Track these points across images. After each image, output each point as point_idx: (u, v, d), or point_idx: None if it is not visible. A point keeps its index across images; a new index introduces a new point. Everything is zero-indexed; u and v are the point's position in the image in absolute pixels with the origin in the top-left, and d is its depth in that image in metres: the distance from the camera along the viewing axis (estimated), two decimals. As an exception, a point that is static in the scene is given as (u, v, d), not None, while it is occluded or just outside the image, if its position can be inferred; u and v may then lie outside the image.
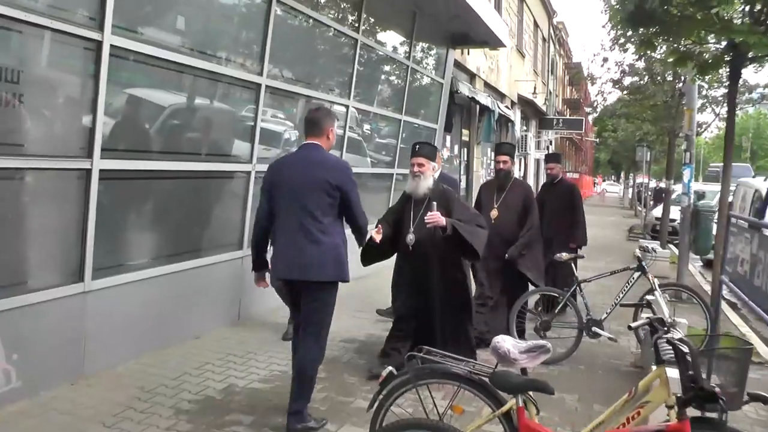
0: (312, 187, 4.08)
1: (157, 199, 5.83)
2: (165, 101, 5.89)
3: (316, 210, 4.08)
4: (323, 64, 8.65)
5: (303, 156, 4.23)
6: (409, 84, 11.15)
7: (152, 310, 5.70)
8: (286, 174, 4.18)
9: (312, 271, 4.07)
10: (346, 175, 4.19)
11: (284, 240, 4.16)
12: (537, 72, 29.93)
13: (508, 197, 6.50)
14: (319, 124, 4.26)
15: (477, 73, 17.48)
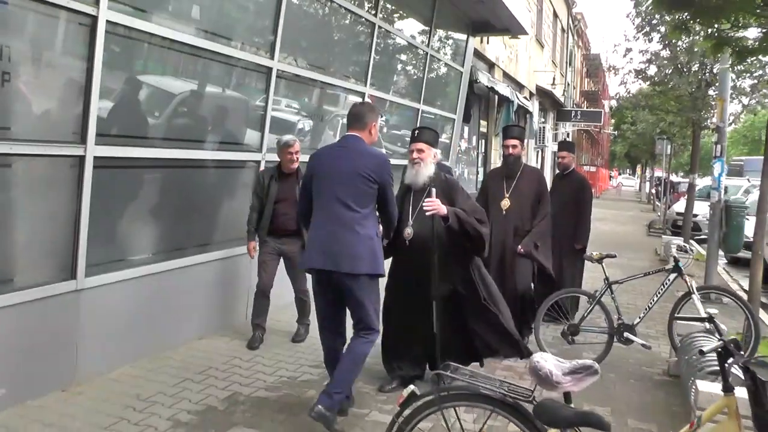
0: (350, 178, 4.04)
1: (157, 189, 5.43)
2: (167, 84, 5.49)
3: (353, 200, 4.03)
4: (339, 49, 8.22)
5: (344, 146, 4.22)
6: (427, 72, 10.69)
7: (152, 310, 5.31)
8: (325, 163, 4.16)
9: (346, 262, 3.97)
10: (386, 168, 4.14)
11: (319, 229, 4.11)
12: (555, 63, 29.36)
13: (520, 185, 5.95)
14: (362, 118, 4.23)
15: (496, 63, 17.01)
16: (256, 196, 5.70)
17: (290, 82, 7.05)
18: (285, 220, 5.65)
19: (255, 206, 5.71)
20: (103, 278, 4.83)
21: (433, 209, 4.46)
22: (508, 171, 6.06)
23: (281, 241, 5.71)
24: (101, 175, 4.66)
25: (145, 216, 5.34)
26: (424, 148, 4.75)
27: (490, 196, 6.08)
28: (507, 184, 6.00)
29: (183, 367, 5.21)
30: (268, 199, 5.62)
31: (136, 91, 5.15)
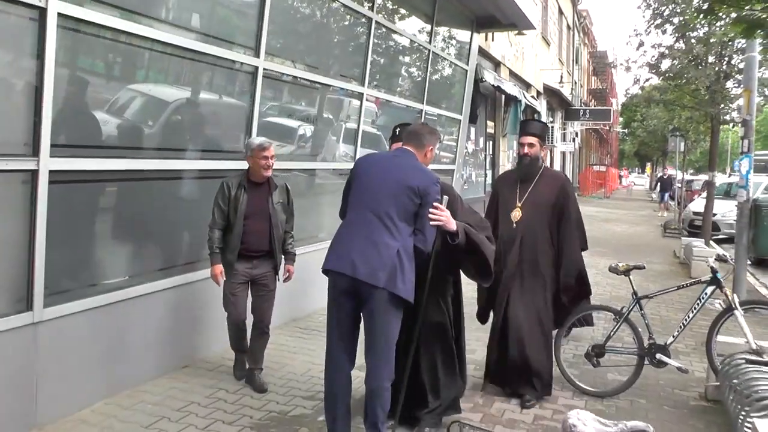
0: (398, 189, 3.72)
1: (124, 206, 4.83)
2: (134, 87, 4.91)
3: (392, 211, 3.70)
4: (333, 47, 7.64)
5: (397, 156, 3.96)
6: (430, 70, 10.12)
7: (123, 341, 4.75)
8: (373, 168, 3.87)
9: (362, 270, 3.58)
10: (434, 187, 3.80)
11: (346, 233, 3.78)
12: (562, 61, 28.83)
13: (537, 192, 4.92)
14: (421, 138, 4.00)
15: (502, 61, 16.50)
16: (220, 210, 4.74)
17: (279, 83, 6.47)
18: (257, 239, 4.81)
19: (217, 223, 4.76)
20: (65, 308, 4.27)
21: (439, 219, 3.79)
22: (522, 174, 5.01)
23: (252, 265, 4.85)
24: (58, 192, 4.10)
25: (112, 236, 4.75)
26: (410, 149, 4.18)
27: (501, 204, 5.10)
28: (521, 191, 4.98)
29: (161, 402, 4.64)
30: (237, 214, 4.71)
31: (97, 95, 4.57)
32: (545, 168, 5.11)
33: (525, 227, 4.88)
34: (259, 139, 4.82)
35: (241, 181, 4.79)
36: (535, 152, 4.98)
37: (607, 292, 9.08)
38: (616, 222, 21.35)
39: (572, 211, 4.93)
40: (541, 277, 4.84)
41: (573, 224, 4.91)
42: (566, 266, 4.86)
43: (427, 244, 3.74)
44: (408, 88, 9.80)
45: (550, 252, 4.88)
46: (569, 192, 5.02)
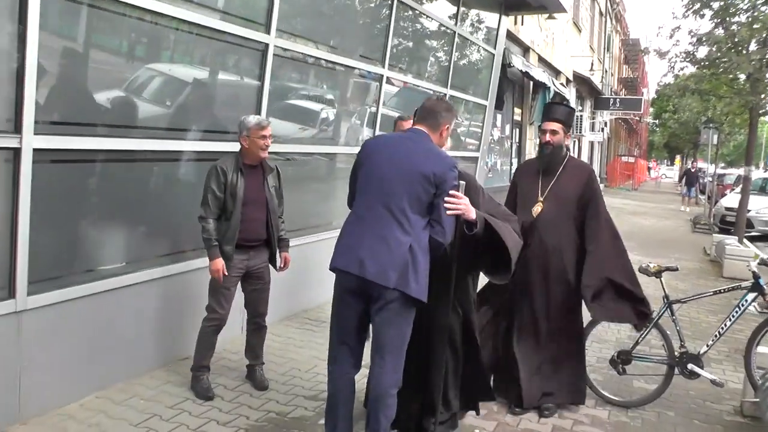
0: (411, 176, 3.33)
1: (118, 188, 4.49)
2: (127, 61, 4.56)
3: (403, 202, 3.32)
4: (351, 25, 7.25)
5: (410, 138, 3.50)
6: (455, 53, 9.69)
7: (118, 331, 4.47)
8: (382, 153, 3.46)
9: (371, 269, 3.25)
10: (451, 175, 3.39)
11: (353, 227, 3.42)
12: (593, 48, 28.11)
13: (560, 185, 4.44)
14: (436, 116, 3.53)
15: (531, 47, 16.01)
16: (215, 197, 4.27)
17: (291, 62, 6.11)
18: (255, 228, 4.43)
19: (213, 211, 4.28)
20: (51, 296, 3.98)
21: (458, 208, 3.37)
22: (544, 165, 4.52)
23: (248, 256, 4.45)
24: (43, 172, 3.80)
25: (104, 221, 4.43)
26: None
27: (520, 198, 4.62)
28: (543, 183, 4.48)
29: (154, 398, 4.37)
30: (235, 201, 4.30)
31: (86, 69, 4.23)
32: (570, 158, 4.59)
33: (547, 224, 4.40)
34: (256, 118, 4.41)
35: (237, 164, 4.36)
36: (558, 140, 4.46)
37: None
38: (644, 215, 20.76)
39: (600, 207, 4.44)
40: (566, 278, 4.38)
41: (600, 220, 4.41)
42: (592, 271, 4.32)
43: (446, 236, 3.36)
44: (432, 71, 9.39)
45: (576, 251, 4.41)
46: (594, 185, 4.52)
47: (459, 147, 10.97)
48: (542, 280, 4.40)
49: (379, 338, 3.36)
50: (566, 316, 4.41)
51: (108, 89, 4.39)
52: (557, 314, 4.39)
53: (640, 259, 11.63)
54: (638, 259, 11.65)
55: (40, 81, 3.71)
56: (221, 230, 4.33)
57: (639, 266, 4.94)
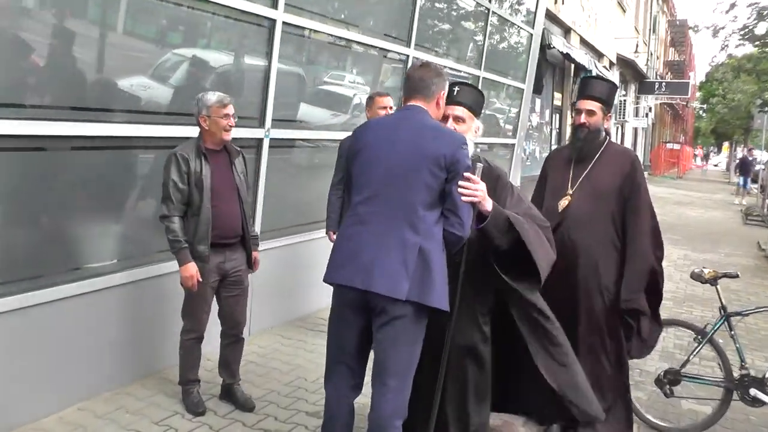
0: (414, 161, 2.83)
1: (99, 178, 4.03)
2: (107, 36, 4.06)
3: (410, 194, 2.82)
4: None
5: (405, 118, 2.96)
6: (489, 33, 9.06)
7: (101, 335, 4.05)
8: (380, 138, 2.94)
9: (378, 280, 2.74)
10: (464, 152, 2.87)
11: (351, 231, 2.91)
12: (638, 30, 27.02)
13: (595, 175, 3.75)
14: (428, 85, 2.97)
15: (572, 27, 15.27)
16: (177, 190, 3.67)
17: (303, 40, 5.58)
18: (228, 223, 3.84)
19: (176, 207, 3.69)
20: (25, 299, 3.58)
21: (472, 195, 2.84)
22: (577, 151, 3.82)
23: (224, 257, 3.86)
24: (4, 161, 3.39)
25: (78, 215, 3.99)
26: (463, 116, 3.13)
27: (548, 190, 3.94)
28: (574, 173, 3.80)
29: (141, 411, 3.94)
30: (202, 192, 3.71)
31: (58, 42, 3.76)
32: (609, 143, 3.86)
33: (576, 220, 3.70)
34: (217, 94, 3.80)
35: (199, 150, 3.76)
36: (595, 122, 3.73)
37: (680, 291, 7.94)
38: (690, 205, 19.80)
39: (643, 202, 3.72)
40: (599, 286, 3.69)
41: (644, 215, 3.70)
42: (632, 279, 3.65)
43: (465, 228, 2.84)
44: (463, 51, 8.79)
45: (616, 254, 3.72)
46: (637, 174, 3.76)
47: (494, 133, 10.38)
48: (569, 287, 3.69)
49: (383, 360, 2.84)
50: (599, 332, 3.71)
51: (84, 69, 3.90)
52: (588, 329, 3.70)
53: (686, 254, 10.99)
54: (684, 254, 11.01)
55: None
56: (190, 229, 3.74)
57: (691, 272, 4.33)
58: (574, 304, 3.68)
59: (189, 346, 3.94)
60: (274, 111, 5.11)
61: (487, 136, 10.16)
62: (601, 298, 3.68)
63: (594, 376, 3.63)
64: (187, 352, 3.96)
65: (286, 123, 5.38)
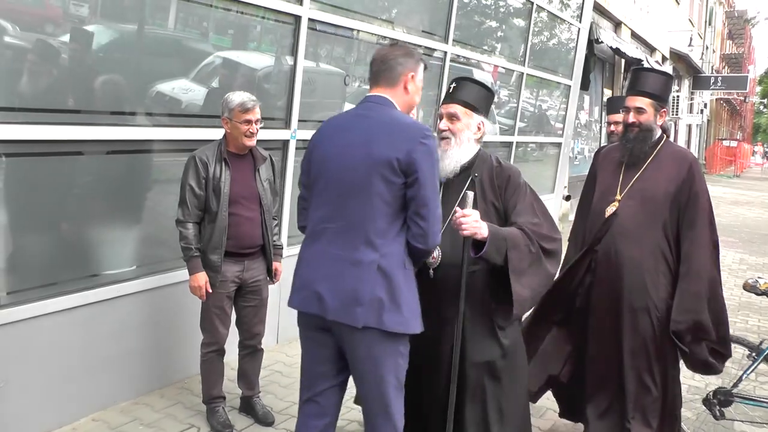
0: (366, 168, 2.49)
1: (115, 183, 3.92)
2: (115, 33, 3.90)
3: (366, 208, 2.50)
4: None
5: (361, 114, 2.63)
6: (533, 27, 8.74)
7: (117, 344, 3.92)
8: (334, 141, 2.62)
9: (331, 304, 2.48)
10: (423, 148, 2.48)
11: (306, 251, 2.63)
12: (692, 22, 26.17)
13: (647, 179, 3.40)
14: (391, 67, 2.63)
15: (623, 21, 14.77)
16: (193, 195, 3.53)
17: (330, 37, 5.38)
18: (248, 232, 3.67)
19: (191, 212, 3.55)
20: (36, 308, 3.46)
21: (466, 226, 2.61)
22: (627, 153, 3.48)
23: (242, 267, 3.69)
24: (12, 167, 3.29)
25: (98, 219, 3.87)
26: (456, 113, 2.85)
27: (597, 192, 3.61)
28: (625, 177, 3.46)
29: (156, 423, 3.82)
30: (219, 198, 3.55)
31: (62, 43, 3.61)
32: (666, 144, 3.48)
33: (623, 229, 3.38)
34: (241, 96, 3.59)
35: (220, 154, 3.60)
36: (647, 120, 3.39)
37: (734, 298, 7.49)
38: (747, 205, 18.99)
39: (701, 213, 3.35)
40: (647, 303, 3.34)
41: (701, 234, 3.34)
42: (684, 299, 3.30)
43: (429, 238, 2.49)
44: (506, 47, 8.48)
45: (667, 268, 3.37)
46: (698, 180, 3.37)
47: (540, 132, 10.06)
48: (613, 303, 3.39)
49: (361, 387, 2.59)
50: (645, 354, 3.38)
51: (92, 72, 3.75)
52: (632, 350, 3.38)
53: (742, 258, 10.45)
54: (740, 258, 10.47)
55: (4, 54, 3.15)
56: (204, 236, 3.59)
57: (744, 282, 3.99)
58: (617, 322, 3.39)
59: (210, 359, 3.77)
60: (301, 112, 4.93)
61: (534, 135, 9.86)
62: (649, 318, 3.34)
63: (637, 399, 3.38)
64: (208, 367, 3.78)
65: (313, 123, 5.20)
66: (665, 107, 3.47)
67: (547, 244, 2.78)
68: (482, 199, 2.81)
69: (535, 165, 10.20)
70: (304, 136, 4.99)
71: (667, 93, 3.52)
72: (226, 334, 3.75)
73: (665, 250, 3.35)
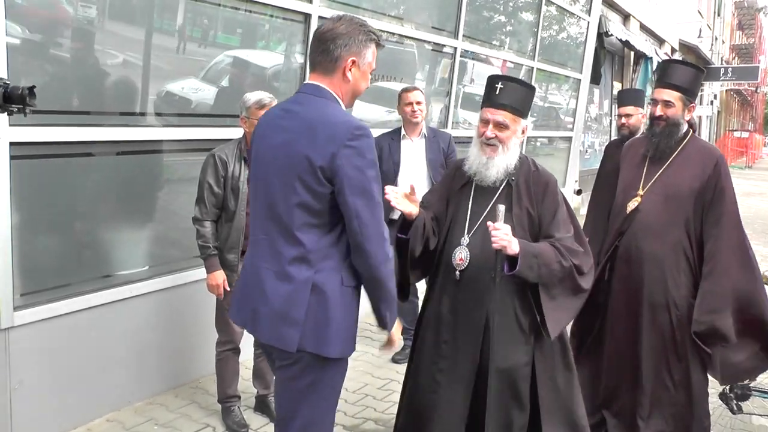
0: (288, 172, 2.17)
1: (125, 183, 3.91)
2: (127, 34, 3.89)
3: (294, 219, 2.19)
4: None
5: (289, 110, 2.28)
6: (542, 21, 8.68)
7: (130, 344, 3.93)
8: (265, 139, 2.29)
9: (265, 328, 2.25)
10: (348, 152, 2.12)
11: (246, 263, 2.41)
12: (701, 13, 25.94)
13: (672, 175, 3.30)
14: (328, 49, 2.21)
15: (631, 13, 14.62)
16: (212, 193, 3.48)
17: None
18: None
19: (209, 211, 3.50)
20: (45, 310, 3.46)
21: (497, 242, 2.50)
22: (652, 147, 3.37)
23: None
24: (25, 169, 3.27)
25: (105, 221, 3.86)
26: (505, 122, 2.66)
27: (620, 186, 3.49)
28: (648, 172, 3.36)
29: (171, 423, 3.82)
30: (238, 197, 3.51)
31: (83, 44, 3.62)
32: (692, 139, 3.37)
33: (645, 226, 3.30)
34: (258, 95, 3.53)
35: (240, 153, 3.55)
36: (674, 115, 3.27)
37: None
38: (761, 196, 18.83)
39: (727, 211, 3.26)
40: (668, 301, 3.27)
41: (727, 233, 3.23)
42: (707, 299, 3.21)
43: (372, 259, 2.17)
44: (515, 42, 8.43)
45: (689, 266, 3.29)
46: (725, 178, 3.27)
47: (551, 126, 10.01)
48: (633, 300, 3.34)
49: (283, 416, 2.34)
50: (664, 352, 3.32)
51: (105, 72, 3.74)
52: (651, 349, 3.32)
53: (756, 249, 10.22)
54: (754, 249, 10.29)
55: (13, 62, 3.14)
56: (221, 235, 3.57)
57: (762, 274, 3.94)
58: (636, 320, 3.33)
59: (225, 358, 3.75)
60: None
61: (545, 129, 9.81)
62: (668, 315, 3.28)
63: (656, 399, 3.33)
64: (223, 366, 3.76)
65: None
66: (694, 102, 3.38)
67: (578, 260, 2.68)
68: (518, 204, 2.72)
69: (545, 159, 10.15)
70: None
71: (696, 87, 3.43)
72: (242, 333, 3.73)
73: (686, 248, 3.28)
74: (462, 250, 2.71)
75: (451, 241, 2.77)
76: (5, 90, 1.99)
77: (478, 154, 2.73)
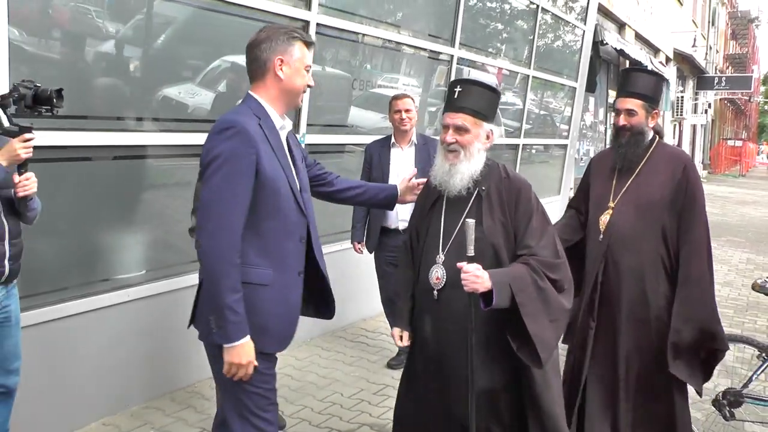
0: None
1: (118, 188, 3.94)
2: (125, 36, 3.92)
3: None
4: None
5: None
6: (538, 30, 8.74)
7: (127, 348, 3.94)
8: None
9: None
10: (209, 142, 2.34)
11: None
12: (696, 23, 26.10)
13: (641, 184, 3.27)
14: (256, 57, 2.38)
15: (627, 22, 14.75)
16: None
17: (339, 42, 5.40)
18: None
19: None
20: (49, 312, 3.51)
21: (468, 286, 2.42)
22: (619, 158, 3.33)
23: None
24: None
25: (106, 224, 3.89)
26: (465, 125, 2.57)
27: (592, 201, 3.44)
28: (617, 183, 3.32)
29: (166, 428, 3.82)
30: None
31: (91, 51, 3.67)
32: (659, 145, 3.35)
33: (619, 239, 3.23)
34: None
35: None
36: (638, 123, 3.25)
37: (742, 298, 7.49)
38: (754, 205, 18.92)
39: (698, 217, 3.23)
40: (648, 314, 3.22)
41: (699, 238, 3.20)
42: (685, 308, 3.18)
43: (200, 239, 2.44)
44: (511, 50, 8.48)
45: (667, 276, 3.24)
46: (694, 181, 3.25)
47: (546, 134, 10.05)
48: (613, 315, 3.27)
49: None
50: (647, 369, 3.25)
51: (107, 75, 3.79)
52: (633, 367, 3.26)
53: (749, 257, 10.41)
54: (747, 257, 10.43)
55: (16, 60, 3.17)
56: None
57: (753, 283, 3.97)
58: (613, 340, 3.26)
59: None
60: (309, 116, 4.95)
61: (540, 137, 9.86)
62: (650, 329, 3.24)
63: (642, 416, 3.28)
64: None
65: (320, 127, 5.22)
66: (657, 108, 3.35)
67: (556, 273, 2.57)
68: (489, 216, 2.60)
69: (540, 167, 10.21)
70: (312, 140, 5.02)
71: (658, 93, 3.38)
72: None
73: (664, 256, 3.23)
74: (438, 269, 2.61)
75: (426, 260, 2.67)
76: (35, 92, 2.05)
77: (442, 163, 2.63)
